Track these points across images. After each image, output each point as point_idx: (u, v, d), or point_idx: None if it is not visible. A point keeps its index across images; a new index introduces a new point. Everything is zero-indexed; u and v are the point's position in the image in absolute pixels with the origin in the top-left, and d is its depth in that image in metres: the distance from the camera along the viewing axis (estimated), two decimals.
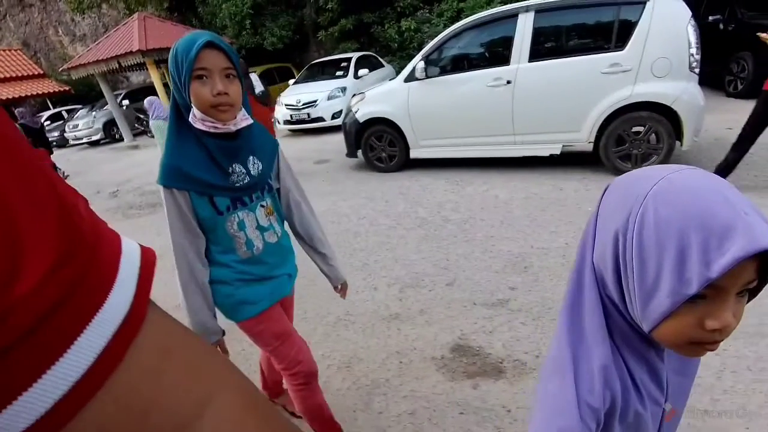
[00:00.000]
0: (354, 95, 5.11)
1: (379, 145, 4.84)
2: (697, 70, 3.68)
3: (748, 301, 0.46)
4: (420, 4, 10.76)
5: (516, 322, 2.15)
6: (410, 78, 4.46)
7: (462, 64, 4.39)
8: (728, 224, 0.40)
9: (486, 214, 3.44)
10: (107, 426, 0.19)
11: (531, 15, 3.96)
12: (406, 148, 4.70)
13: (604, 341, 0.51)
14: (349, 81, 7.92)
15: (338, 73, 8.42)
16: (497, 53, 4.22)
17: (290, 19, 12.60)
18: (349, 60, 8.63)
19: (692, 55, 3.62)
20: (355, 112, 4.79)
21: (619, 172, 3.85)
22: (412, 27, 10.25)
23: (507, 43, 4.07)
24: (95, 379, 0.19)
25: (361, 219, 3.71)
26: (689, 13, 3.63)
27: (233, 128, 1.05)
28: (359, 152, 5.03)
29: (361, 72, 7.96)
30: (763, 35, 3.11)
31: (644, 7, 3.66)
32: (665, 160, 3.82)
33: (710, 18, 7.41)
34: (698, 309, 0.44)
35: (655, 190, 0.45)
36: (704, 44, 8.03)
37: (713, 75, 7.12)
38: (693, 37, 3.60)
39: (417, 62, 4.36)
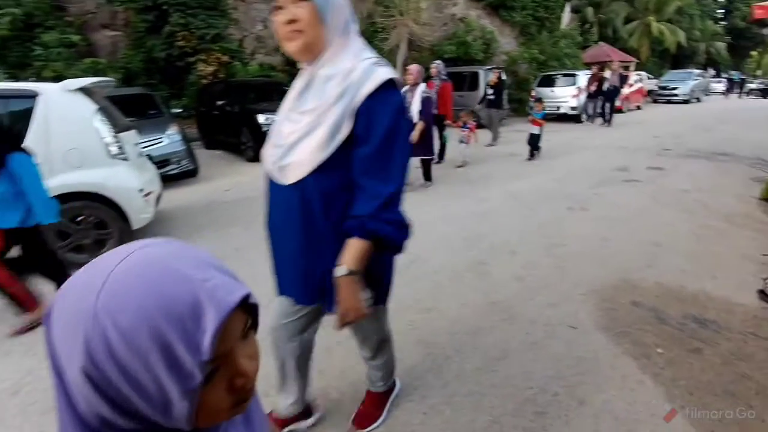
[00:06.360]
0: None
1: None
2: (123, 156, 3.91)
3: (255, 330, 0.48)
4: None
5: None
6: None
7: None
8: (193, 301, 0.39)
9: None
10: None
11: None
12: None
13: None
14: None
15: None
16: None
17: None
18: None
19: (108, 144, 3.82)
20: None
21: (77, 266, 3.60)
22: None
23: None
24: None
25: None
26: (95, 107, 3.83)
27: None
28: None
29: None
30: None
31: (36, 102, 3.58)
32: (124, 241, 3.90)
33: (218, 103, 9.00)
34: (218, 379, 0.42)
35: (102, 301, 0.37)
36: (223, 122, 9.52)
37: (233, 145, 8.67)
38: (103, 128, 3.81)
39: None
